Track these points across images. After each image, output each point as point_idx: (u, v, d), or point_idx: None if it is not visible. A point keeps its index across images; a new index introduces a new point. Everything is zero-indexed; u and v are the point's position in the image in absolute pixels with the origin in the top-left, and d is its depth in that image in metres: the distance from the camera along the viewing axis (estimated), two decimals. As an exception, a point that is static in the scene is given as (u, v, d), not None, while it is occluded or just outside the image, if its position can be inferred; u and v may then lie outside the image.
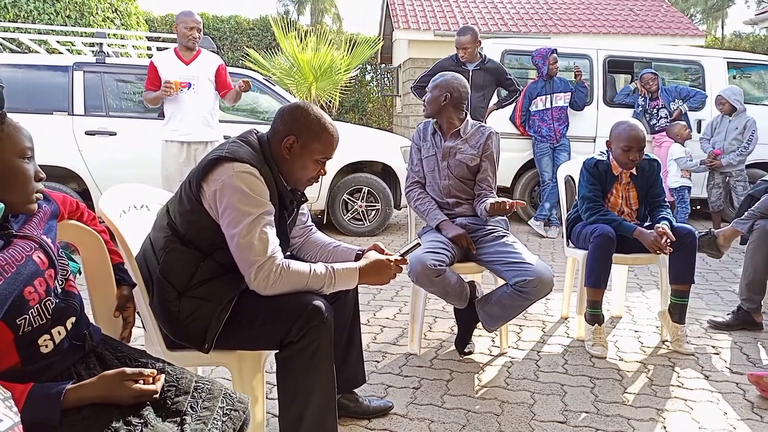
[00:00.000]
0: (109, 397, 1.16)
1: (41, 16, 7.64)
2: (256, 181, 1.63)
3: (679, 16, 13.07)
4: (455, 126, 2.76)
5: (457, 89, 2.72)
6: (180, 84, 3.98)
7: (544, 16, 12.44)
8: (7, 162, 1.18)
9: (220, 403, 1.28)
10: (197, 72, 4.10)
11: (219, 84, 4.21)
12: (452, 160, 2.74)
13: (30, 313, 1.17)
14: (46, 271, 1.23)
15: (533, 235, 5.70)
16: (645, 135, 2.83)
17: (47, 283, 1.22)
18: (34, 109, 4.73)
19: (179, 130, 4.08)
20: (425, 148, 2.82)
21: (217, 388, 1.32)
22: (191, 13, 4.10)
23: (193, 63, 4.11)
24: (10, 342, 1.16)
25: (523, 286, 2.37)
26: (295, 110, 1.76)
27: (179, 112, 4.07)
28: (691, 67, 6.57)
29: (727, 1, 24.22)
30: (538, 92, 5.76)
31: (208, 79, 4.14)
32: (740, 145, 5.33)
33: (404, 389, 2.43)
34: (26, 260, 1.18)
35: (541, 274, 2.36)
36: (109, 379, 1.17)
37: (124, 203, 1.85)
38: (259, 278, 1.60)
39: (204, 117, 4.13)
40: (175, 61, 4.10)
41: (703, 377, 2.58)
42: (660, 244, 2.68)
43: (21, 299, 1.16)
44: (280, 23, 9.75)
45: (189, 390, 1.29)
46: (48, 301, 1.22)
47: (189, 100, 4.07)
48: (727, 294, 3.86)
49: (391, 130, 13.78)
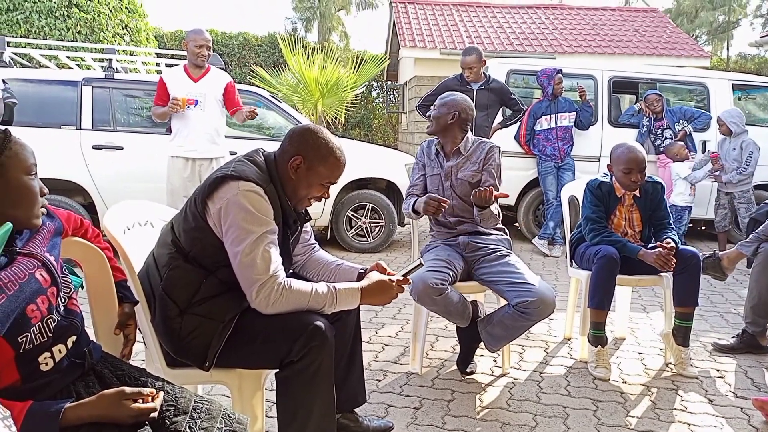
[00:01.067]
0: (108, 417, 1.15)
1: (52, 32, 7.75)
2: (261, 200, 1.64)
3: (685, 38, 13.14)
4: (457, 144, 2.78)
5: (465, 110, 2.75)
6: (187, 101, 4.03)
7: (550, 36, 12.53)
8: (15, 180, 1.20)
9: (218, 424, 1.28)
10: (205, 90, 4.14)
11: (227, 102, 4.25)
12: (455, 179, 2.75)
13: (32, 331, 1.18)
14: (49, 289, 1.24)
15: (537, 253, 5.69)
16: (645, 156, 2.83)
17: (49, 301, 1.23)
18: (43, 123, 4.79)
19: (185, 146, 4.12)
20: (429, 166, 2.84)
21: (216, 408, 1.32)
22: (201, 32, 4.15)
23: (201, 81, 4.15)
24: (10, 359, 1.16)
25: (525, 306, 2.36)
26: (305, 132, 1.78)
27: (185, 129, 4.11)
28: (696, 89, 6.59)
29: (732, 23, 24.33)
30: (542, 112, 5.78)
31: (215, 98, 4.18)
32: (739, 165, 5.32)
33: (405, 409, 2.41)
34: (29, 278, 1.19)
35: (543, 294, 2.35)
36: (109, 399, 1.16)
37: (128, 220, 1.86)
38: (260, 297, 1.60)
39: (209, 134, 4.17)
40: (184, 78, 4.15)
41: (707, 401, 2.56)
42: (665, 256, 2.67)
43: (23, 317, 1.16)
44: (288, 40, 9.86)
45: (188, 410, 1.29)
46: (50, 319, 1.22)
47: (195, 117, 4.10)
48: (732, 317, 3.84)
49: (396, 147, 13.84)
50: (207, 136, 4.15)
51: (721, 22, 24.57)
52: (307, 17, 25.63)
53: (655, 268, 2.76)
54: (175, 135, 4.17)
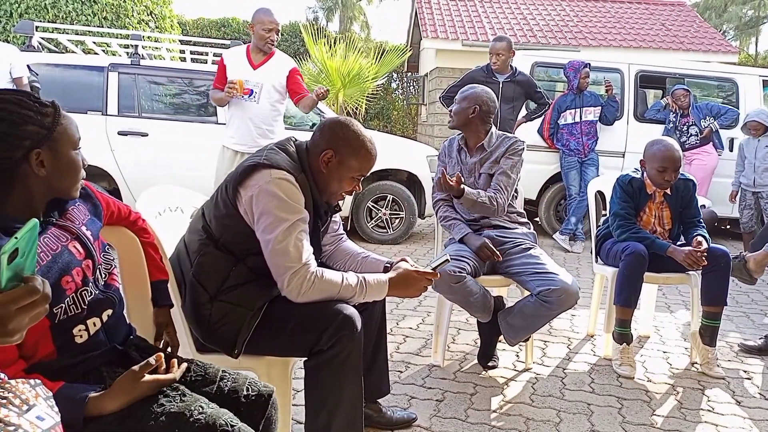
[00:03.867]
0: (132, 399, 1.16)
1: (79, 17, 7.83)
2: (293, 188, 1.64)
3: (712, 32, 12.88)
4: (481, 140, 2.75)
5: (486, 102, 2.71)
6: (243, 88, 3.68)
7: (574, 29, 12.36)
8: (65, 154, 1.22)
9: (246, 385, 1.36)
10: (263, 78, 3.76)
11: (291, 89, 3.85)
12: (478, 174, 2.73)
13: (66, 302, 1.19)
14: (84, 261, 1.25)
15: (558, 249, 5.64)
16: (681, 155, 2.77)
17: (84, 274, 1.24)
18: (69, 108, 4.70)
19: (235, 137, 3.83)
20: (450, 165, 2.81)
21: (242, 377, 1.39)
22: (270, 12, 3.73)
23: (261, 68, 3.77)
24: (46, 329, 1.17)
25: (547, 295, 2.33)
26: (335, 125, 1.77)
27: (237, 120, 3.81)
28: (725, 84, 6.46)
29: (762, 18, 23.79)
30: (567, 105, 5.71)
31: (273, 87, 3.79)
32: None
33: (428, 401, 2.41)
34: (61, 249, 1.20)
35: (566, 284, 2.33)
36: (124, 383, 1.16)
37: (160, 205, 1.87)
38: (292, 285, 1.60)
39: (261, 128, 3.81)
40: (244, 62, 3.78)
41: (734, 402, 2.52)
42: (695, 256, 2.62)
43: (58, 287, 1.17)
44: (310, 30, 9.84)
45: (216, 379, 1.35)
46: (85, 291, 1.23)
47: (248, 109, 3.77)
48: (759, 317, 3.77)
49: (415, 139, 13.79)
50: (258, 130, 3.80)
51: (750, 17, 24.03)
52: (329, 6, 25.60)
53: (684, 266, 2.72)
54: (228, 125, 3.89)
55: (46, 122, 1.18)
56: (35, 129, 1.16)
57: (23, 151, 1.15)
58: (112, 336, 1.31)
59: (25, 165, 1.16)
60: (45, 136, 1.17)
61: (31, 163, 1.16)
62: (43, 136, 1.17)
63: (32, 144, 1.16)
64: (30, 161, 1.16)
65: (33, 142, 1.16)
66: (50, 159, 1.18)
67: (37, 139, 1.16)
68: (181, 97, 5.28)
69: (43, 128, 1.17)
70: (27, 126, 1.15)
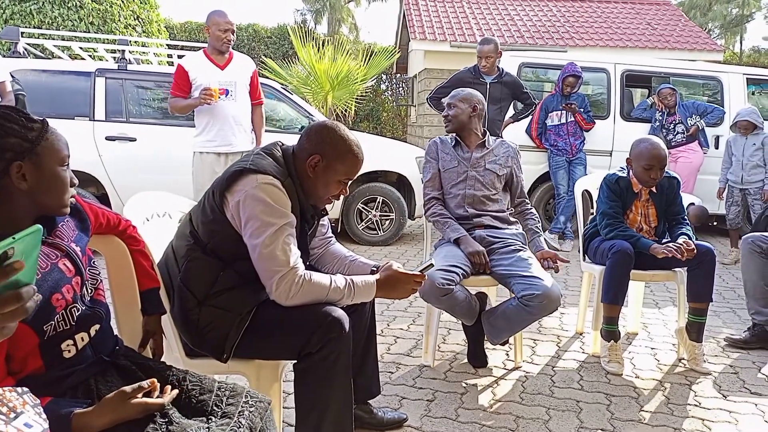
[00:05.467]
0: (117, 420, 1.14)
1: (65, 22, 7.78)
2: (279, 193, 1.65)
3: (698, 31, 13.01)
4: (479, 138, 2.81)
5: (480, 101, 2.85)
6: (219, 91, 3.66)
7: (561, 29, 12.43)
8: (49, 169, 1.21)
9: (243, 398, 1.32)
10: (233, 77, 3.77)
11: (251, 92, 3.92)
12: (481, 169, 2.78)
13: (56, 319, 1.19)
14: (73, 278, 1.25)
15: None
16: (667, 153, 2.81)
17: (74, 290, 1.24)
18: (56, 114, 4.79)
19: (216, 140, 3.76)
20: (445, 161, 2.83)
21: (240, 387, 1.36)
22: (224, 14, 3.74)
23: (228, 67, 3.78)
24: (35, 346, 1.18)
25: (529, 300, 2.37)
26: (322, 129, 1.78)
27: (216, 122, 3.75)
28: (709, 83, 6.53)
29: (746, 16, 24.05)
30: (554, 107, 5.76)
31: (244, 85, 3.85)
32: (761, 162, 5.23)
33: (418, 401, 2.43)
34: (51, 267, 1.21)
35: (548, 290, 2.36)
36: (112, 402, 1.15)
37: (148, 210, 1.88)
38: (280, 289, 1.61)
39: (242, 125, 3.83)
40: (209, 66, 3.76)
41: (721, 396, 2.55)
42: (676, 250, 2.66)
43: (48, 305, 1.18)
44: (298, 32, 9.84)
45: (212, 389, 1.33)
46: (74, 308, 1.24)
47: (227, 109, 3.74)
48: (744, 312, 3.80)
49: (405, 140, 13.81)
50: (239, 128, 3.81)
51: (734, 15, 24.29)
52: (317, 9, 25.59)
53: (669, 262, 2.75)
54: (203, 129, 3.80)
55: (30, 136, 1.18)
56: (17, 141, 1.16)
57: (3, 164, 1.15)
58: (99, 349, 1.31)
59: (7, 178, 1.16)
60: (28, 150, 1.17)
61: (12, 175, 1.16)
62: (26, 149, 1.17)
63: (13, 156, 1.16)
64: (11, 173, 1.16)
65: (14, 155, 1.16)
66: (33, 173, 1.18)
67: (18, 151, 1.16)
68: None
69: (26, 141, 1.17)
70: (9, 138, 1.15)
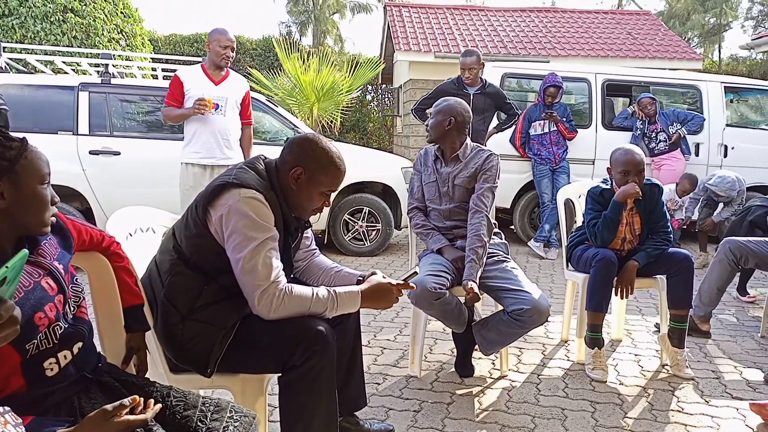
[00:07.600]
0: None
1: (48, 37, 7.75)
2: (262, 207, 1.66)
3: (677, 40, 13.23)
4: (455, 150, 2.79)
5: (460, 113, 2.76)
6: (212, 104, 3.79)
7: (543, 40, 12.59)
8: (28, 188, 1.21)
9: (228, 413, 1.31)
10: (226, 93, 3.91)
11: (241, 111, 4.06)
12: (452, 184, 2.77)
13: (38, 337, 1.19)
14: (56, 297, 1.25)
15: (533, 256, 5.72)
16: (642, 158, 2.86)
17: (57, 309, 1.24)
18: (40, 128, 4.77)
19: (201, 152, 3.89)
20: (426, 174, 2.85)
21: (224, 402, 1.36)
22: (226, 32, 3.89)
23: (222, 84, 3.93)
24: (17, 365, 1.17)
25: (519, 314, 2.39)
26: (303, 142, 1.79)
27: (203, 134, 3.88)
28: (688, 91, 6.65)
29: (723, 25, 24.51)
30: (537, 116, 5.83)
31: (235, 102, 3.98)
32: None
33: (405, 412, 2.43)
34: (34, 286, 1.20)
35: (537, 303, 2.38)
36: (94, 421, 1.12)
37: (131, 226, 1.88)
38: (262, 303, 1.62)
39: (228, 140, 3.95)
40: (204, 80, 3.90)
41: (703, 402, 2.59)
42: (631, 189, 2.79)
43: (31, 324, 1.17)
44: (283, 44, 9.86)
45: (197, 404, 1.32)
46: (57, 326, 1.23)
47: (215, 123, 3.87)
48: (723, 316, 3.88)
49: (392, 150, 13.86)
50: (225, 143, 3.93)
51: (712, 24, 24.73)
52: (302, 21, 25.67)
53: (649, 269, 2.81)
54: (190, 140, 3.92)
55: (9, 155, 1.19)
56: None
57: None
58: (82, 367, 1.30)
59: None
60: (6, 168, 1.18)
61: None
62: (4, 167, 1.17)
63: None
64: None
65: None
66: (11, 191, 1.18)
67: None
68: (153, 114, 5.24)
69: (4, 160, 1.18)
70: None
